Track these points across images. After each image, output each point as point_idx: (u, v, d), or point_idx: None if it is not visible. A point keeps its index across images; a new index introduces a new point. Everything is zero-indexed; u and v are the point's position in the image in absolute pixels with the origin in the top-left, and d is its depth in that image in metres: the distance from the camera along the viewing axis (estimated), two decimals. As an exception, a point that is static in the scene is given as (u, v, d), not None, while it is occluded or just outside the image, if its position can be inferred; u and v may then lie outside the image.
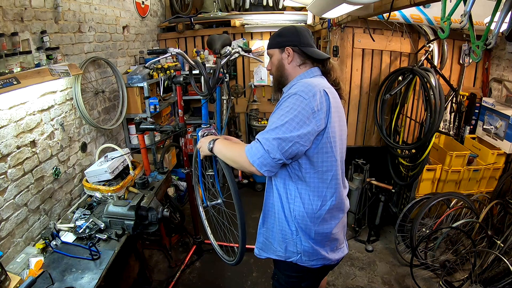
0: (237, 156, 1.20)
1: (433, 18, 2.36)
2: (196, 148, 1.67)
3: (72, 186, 2.18)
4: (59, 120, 2.03)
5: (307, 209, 1.27)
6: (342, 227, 1.41)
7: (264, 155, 1.10)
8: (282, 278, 1.46)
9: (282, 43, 1.33)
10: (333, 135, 1.22)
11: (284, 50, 1.33)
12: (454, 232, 2.50)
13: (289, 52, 1.32)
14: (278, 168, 1.16)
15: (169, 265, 2.64)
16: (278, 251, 1.38)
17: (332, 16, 2.31)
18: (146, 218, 1.87)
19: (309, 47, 1.32)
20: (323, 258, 1.34)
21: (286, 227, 1.32)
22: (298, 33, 1.32)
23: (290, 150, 1.11)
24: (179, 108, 2.41)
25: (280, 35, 1.35)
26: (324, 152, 1.22)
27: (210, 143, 1.35)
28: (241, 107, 4.03)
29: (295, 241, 1.31)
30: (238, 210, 1.44)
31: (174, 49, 1.69)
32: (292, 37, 1.32)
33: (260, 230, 1.47)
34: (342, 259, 1.46)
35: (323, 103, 1.17)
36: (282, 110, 1.15)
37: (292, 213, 1.29)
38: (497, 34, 1.03)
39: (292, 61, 1.33)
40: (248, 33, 3.79)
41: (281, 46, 1.33)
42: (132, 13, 3.12)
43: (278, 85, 1.40)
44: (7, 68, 1.54)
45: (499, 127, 2.60)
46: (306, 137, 1.13)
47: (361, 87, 2.99)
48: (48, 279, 1.44)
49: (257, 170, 1.13)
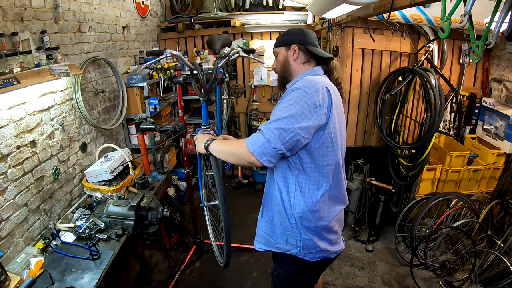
0: (237, 147, 1.23)
1: (433, 18, 2.36)
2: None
3: (72, 186, 2.18)
4: (59, 120, 2.03)
5: (307, 202, 1.29)
6: (340, 221, 1.44)
7: (265, 144, 1.13)
8: (282, 273, 1.48)
9: (288, 41, 1.38)
10: (334, 131, 1.26)
11: (290, 47, 1.37)
12: (454, 232, 2.50)
13: (295, 50, 1.36)
14: (278, 159, 1.19)
15: (169, 265, 2.64)
16: (278, 243, 1.40)
17: (332, 16, 2.31)
18: (146, 218, 1.87)
19: (314, 46, 1.37)
20: (322, 251, 1.36)
21: (286, 220, 1.34)
22: (304, 33, 1.37)
23: (291, 141, 1.14)
24: (179, 108, 2.41)
25: (287, 34, 1.40)
26: (325, 147, 1.25)
27: (207, 141, 1.37)
28: (241, 107, 4.04)
29: (295, 234, 1.34)
30: (223, 213, 1.46)
31: (170, 50, 1.69)
32: (299, 36, 1.37)
33: (260, 224, 1.48)
34: (340, 253, 1.48)
35: (325, 99, 1.20)
36: (285, 103, 1.18)
37: (292, 206, 1.31)
38: (497, 34, 1.03)
39: (297, 58, 1.36)
40: (248, 33, 3.79)
41: (288, 44, 1.38)
42: (132, 13, 3.12)
43: (282, 82, 1.43)
44: (7, 68, 1.54)
45: (499, 127, 2.60)
46: (307, 130, 1.16)
47: (361, 87, 2.99)
48: (48, 279, 1.44)
49: (257, 160, 1.15)
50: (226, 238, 1.56)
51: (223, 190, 1.47)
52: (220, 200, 1.47)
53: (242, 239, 2.87)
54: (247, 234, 2.97)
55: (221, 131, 2.51)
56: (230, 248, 1.60)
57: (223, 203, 1.47)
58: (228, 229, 1.53)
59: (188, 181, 2.60)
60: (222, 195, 1.47)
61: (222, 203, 1.47)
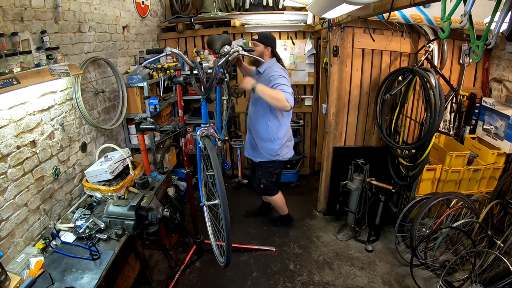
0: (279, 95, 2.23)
1: (433, 18, 2.35)
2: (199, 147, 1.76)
3: (72, 186, 2.18)
4: (59, 120, 2.03)
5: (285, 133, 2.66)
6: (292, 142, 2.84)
7: (290, 98, 2.26)
8: (264, 170, 2.75)
9: (267, 43, 2.50)
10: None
11: (266, 47, 2.50)
12: (454, 232, 2.50)
13: (268, 50, 2.52)
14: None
15: (169, 265, 2.64)
16: (266, 156, 2.68)
17: (332, 16, 2.31)
18: (146, 218, 1.87)
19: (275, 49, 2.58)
20: (287, 154, 2.74)
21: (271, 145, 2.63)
22: (275, 41, 2.57)
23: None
24: (179, 108, 2.41)
25: (268, 37, 2.52)
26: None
27: (255, 84, 2.24)
28: (241, 107, 4.03)
29: (277, 151, 2.65)
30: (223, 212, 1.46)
31: (170, 48, 1.69)
32: (273, 43, 2.54)
33: (254, 145, 2.74)
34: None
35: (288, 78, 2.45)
36: (281, 81, 2.33)
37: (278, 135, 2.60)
38: (497, 34, 1.03)
39: (267, 54, 2.53)
40: (248, 33, 3.79)
41: (266, 44, 2.50)
42: (132, 13, 3.12)
43: (254, 62, 2.52)
44: (7, 68, 1.54)
45: (499, 127, 2.60)
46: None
47: (361, 87, 2.99)
48: (48, 279, 1.44)
49: (290, 106, 2.25)
50: (227, 237, 1.56)
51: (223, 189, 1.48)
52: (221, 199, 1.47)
53: (242, 239, 2.87)
54: (247, 234, 2.96)
55: (221, 131, 2.51)
56: (231, 247, 1.60)
57: (223, 202, 1.47)
58: (228, 228, 1.53)
59: (188, 181, 2.60)
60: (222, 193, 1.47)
61: (223, 201, 1.47)
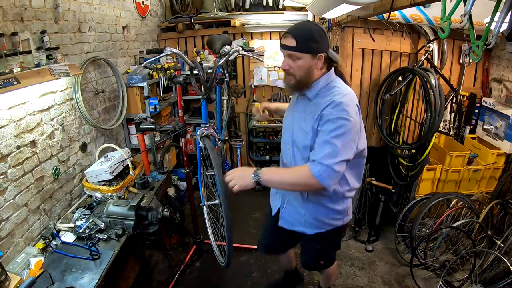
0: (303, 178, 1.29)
1: (433, 18, 2.36)
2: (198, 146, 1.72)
3: (72, 186, 2.18)
4: (59, 120, 2.03)
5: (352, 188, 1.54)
6: None
7: (334, 175, 1.25)
8: (327, 242, 1.68)
9: (316, 49, 1.31)
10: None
11: (317, 56, 1.32)
12: (454, 232, 2.50)
13: (322, 59, 1.33)
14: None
15: (169, 265, 2.64)
16: (331, 224, 1.57)
17: (332, 16, 2.31)
18: (146, 218, 1.87)
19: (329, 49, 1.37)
20: (351, 207, 1.64)
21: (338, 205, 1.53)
22: (326, 38, 1.33)
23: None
24: (179, 108, 2.41)
25: (314, 39, 1.30)
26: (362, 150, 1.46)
27: (255, 174, 1.31)
28: (241, 107, 4.03)
29: (347, 210, 1.58)
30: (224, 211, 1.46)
31: (170, 48, 1.69)
32: (324, 44, 1.32)
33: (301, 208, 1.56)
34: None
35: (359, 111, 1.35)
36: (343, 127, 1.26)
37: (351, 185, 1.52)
38: (497, 34, 1.04)
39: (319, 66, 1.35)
40: (248, 33, 3.79)
41: (316, 52, 1.31)
42: (132, 13, 3.12)
43: (300, 87, 1.40)
44: (7, 68, 1.54)
45: (499, 127, 2.60)
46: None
47: (361, 87, 2.99)
48: (48, 279, 1.44)
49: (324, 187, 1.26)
50: (228, 237, 1.55)
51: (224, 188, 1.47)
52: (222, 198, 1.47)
53: (242, 239, 2.86)
54: (247, 234, 2.95)
55: (221, 131, 2.51)
56: (232, 247, 1.60)
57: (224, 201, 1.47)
58: (230, 227, 1.53)
59: (188, 181, 2.60)
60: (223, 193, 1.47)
61: (224, 201, 1.47)
